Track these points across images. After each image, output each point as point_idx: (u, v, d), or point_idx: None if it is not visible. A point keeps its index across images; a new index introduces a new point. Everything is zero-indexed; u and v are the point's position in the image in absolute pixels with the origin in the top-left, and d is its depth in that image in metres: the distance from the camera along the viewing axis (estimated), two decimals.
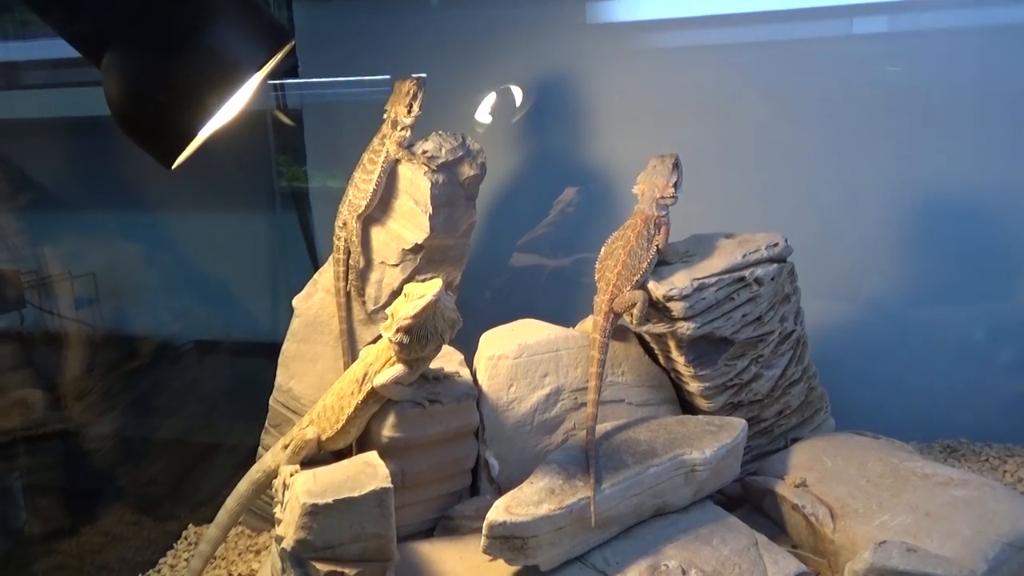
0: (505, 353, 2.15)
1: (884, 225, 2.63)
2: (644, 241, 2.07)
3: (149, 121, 1.48)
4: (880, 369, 2.65)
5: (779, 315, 2.18)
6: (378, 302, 2.32)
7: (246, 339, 2.93)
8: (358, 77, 2.89)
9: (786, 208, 2.63)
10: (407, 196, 2.30)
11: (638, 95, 2.74)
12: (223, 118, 1.64)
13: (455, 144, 2.31)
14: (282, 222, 3.06)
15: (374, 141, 2.32)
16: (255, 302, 3.02)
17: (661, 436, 2.02)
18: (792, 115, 2.64)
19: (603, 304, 2.04)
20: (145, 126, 1.49)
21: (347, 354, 2.29)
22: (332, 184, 2.97)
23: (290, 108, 2.99)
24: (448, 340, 1.90)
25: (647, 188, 2.12)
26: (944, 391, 2.65)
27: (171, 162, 1.54)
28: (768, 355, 2.18)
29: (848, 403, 2.40)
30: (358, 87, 2.91)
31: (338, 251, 2.29)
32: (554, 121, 2.83)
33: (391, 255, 2.32)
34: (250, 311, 3.01)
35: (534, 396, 2.15)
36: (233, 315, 2.96)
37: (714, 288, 2.06)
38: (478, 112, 2.84)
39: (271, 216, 3.08)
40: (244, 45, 1.49)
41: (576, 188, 2.85)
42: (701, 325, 2.05)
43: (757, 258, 2.11)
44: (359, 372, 1.96)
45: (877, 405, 2.49)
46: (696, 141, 2.67)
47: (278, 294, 3.01)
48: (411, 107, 2.28)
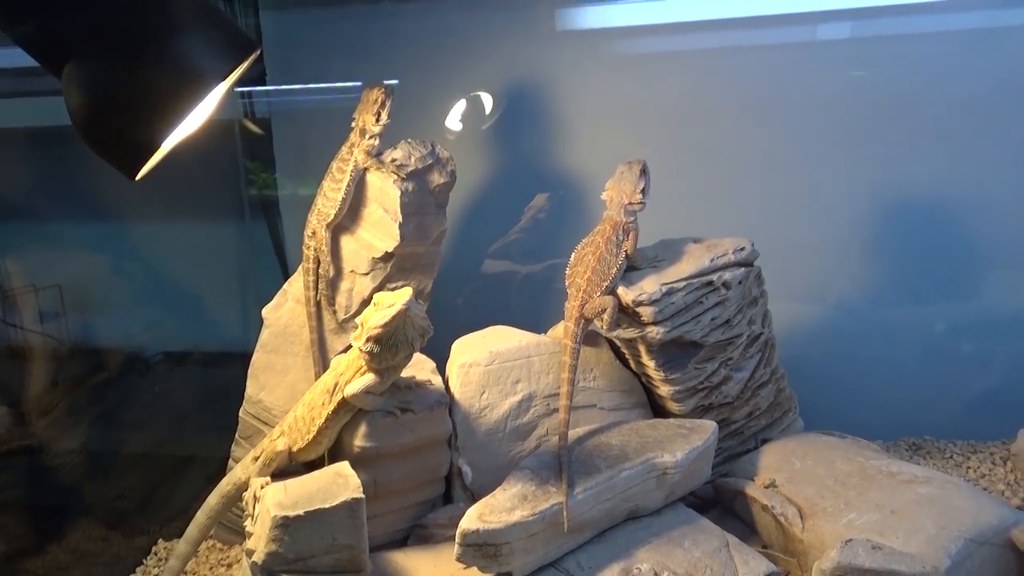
0: (477, 360, 2.16)
1: (850, 227, 2.68)
2: (613, 247, 2.09)
3: (112, 132, 1.46)
4: (847, 369, 2.69)
5: (747, 318, 2.21)
6: (348, 311, 2.32)
7: (215, 350, 2.91)
8: (327, 84, 2.89)
9: (753, 212, 2.67)
10: (376, 204, 2.30)
11: (608, 101, 2.76)
12: (188, 128, 1.63)
13: (424, 152, 2.32)
14: (251, 231, 3.04)
15: (342, 150, 2.32)
16: (224, 312, 2.99)
17: (633, 440, 2.04)
18: (759, 120, 2.68)
19: (574, 310, 2.05)
20: (108, 137, 1.47)
21: (318, 364, 2.28)
22: (301, 192, 2.97)
23: (259, 116, 2.98)
24: (419, 348, 1.90)
25: (615, 194, 2.14)
26: (910, 390, 2.70)
27: (135, 173, 1.53)
28: (737, 358, 2.21)
29: (816, 404, 2.43)
30: (327, 94, 2.90)
31: (307, 260, 2.29)
32: (524, 128, 2.85)
33: (361, 264, 2.32)
34: (219, 321, 2.99)
35: (506, 403, 2.15)
36: (202, 326, 2.94)
37: (683, 292, 2.08)
38: (448, 119, 2.84)
39: (240, 225, 3.07)
40: (209, 55, 1.48)
41: (547, 194, 2.87)
42: (670, 329, 2.07)
43: (725, 262, 2.14)
44: (330, 382, 1.95)
45: (844, 405, 2.52)
46: (665, 146, 2.71)
47: (247, 304, 2.99)
48: (379, 115, 2.28)
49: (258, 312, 2.39)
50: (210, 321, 2.97)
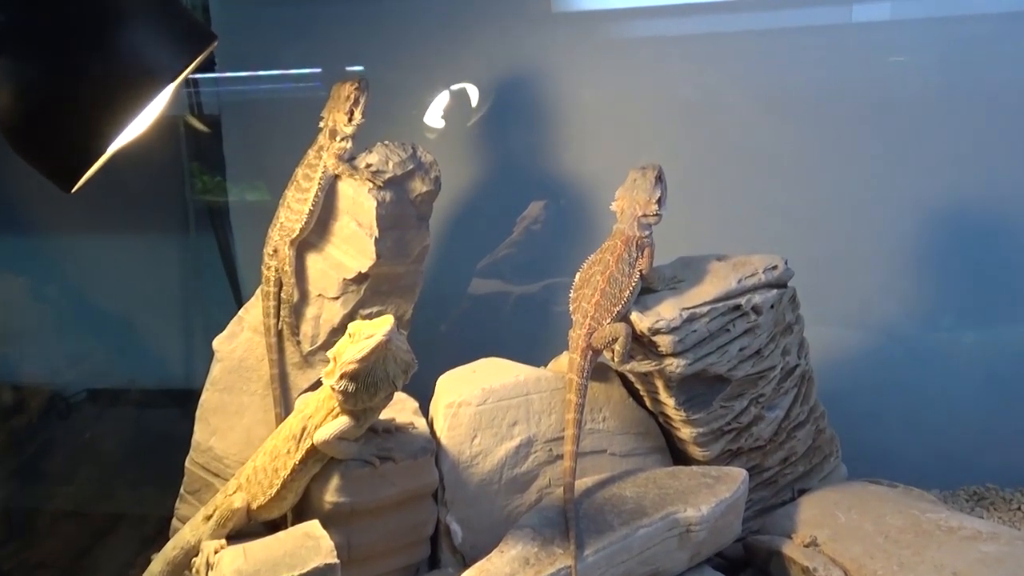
0: (467, 399, 2.17)
1: (897, 240, 2.71)
2: (625, 266, 2.11)
3: (48, 137, 1.47)
4: (897, 406, 2.72)
5: (780, 348, 2.23)
6: (315, 342, 2.31)
7: (156, 387, 2.90)
8: (285, 71, 2.91)
9: (785, 223, 2.70)
10: (349, 217, 2.31)
11: (614, 95, 2.78)
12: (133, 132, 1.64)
13: (404, 156, 2.33)
14: (198, 246, 3.05)
15: (309, 154, 2.33)
16: (167, 343, 2.99)
17: (650, 491, 2.05)
18: (790, 116, 2.70)
19: (580, 339, 2.06)
20: (43, 143, 1.48)
21: (280, 405, 2.28)
22: (256, 198, 2.99)
23: (206, 110, 2.99)
24: (401, 386, 1.91)
25: (627, 205, 2.16)
26: (969, 430, 2.72)
27: (72, 184, 1.54)
28: (769, 394, 2.23)
29: (861, 446, 2.45)
30: (285, 82, 2.92)
31: (267, 282, 2.29)
32: (517, 125, 2.87)
33: (330, 286, 2.32)
34: (161, 354, 2.99)
35: (502, 449, 2.17)
36: (140, 359, 2.94)
37: (706, 319, 2.10)
38: (428, 115, 2.85)
39: (184, 239, 3.07)
40: (161, 47, 1.50)
41: (543, 203, 2.89)
42: (692, 362, 2.09)
43: (754, 283, 2.16)
44: (296, 427, 1.96)
45: (894, 448, 2.55)
46: (682, 147, 2.75)
47: (194, 333, 2.99)
48: (352, 114, 2.29)
49: (207, 343, 2.38)
50: (149, 353, 2.96)
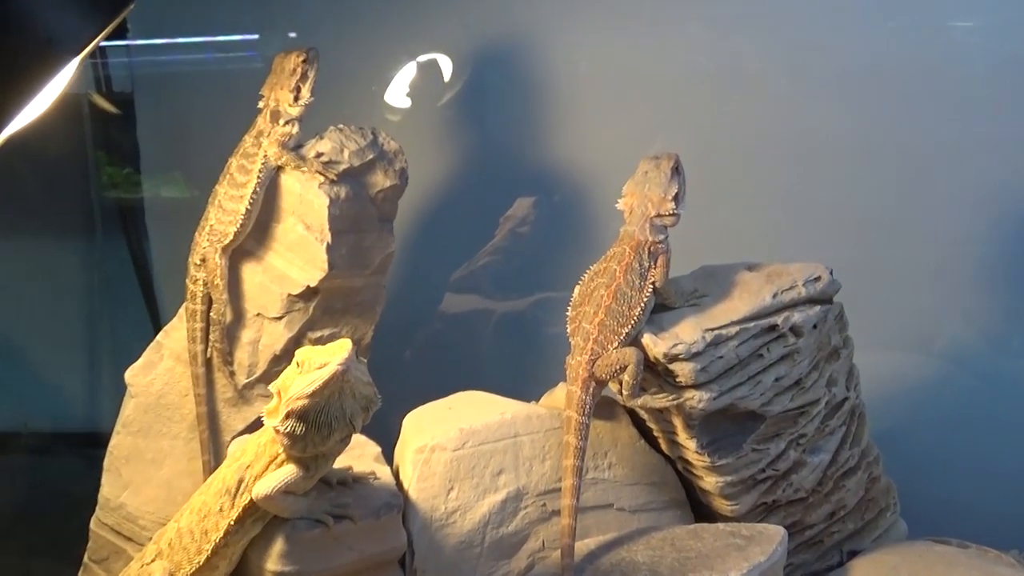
0: (441, 443, 2.16)
1: (965, 246, 2.72)
2: (635, 277, 2.10)
3: None
4: (966, 448, 2.73)
5: (826, 377, 2.23)
6: (253, 372, 2.32)
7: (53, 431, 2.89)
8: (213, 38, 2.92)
9: (830, 225, 2.71)
10: (295, 219, 2.30)
11: (619, 67, 2.78)
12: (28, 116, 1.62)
13: (363, 143, 2.32)
14: (105, 254, 3.04)
15: (246, 141, 2.32)
16: (67, 375, 2.98)
17: (667, 555, 2.04)
18: (834, 93, 2.71)
19: (580, 368, 2.06)
20: None
21: (209, 451, 2.27)
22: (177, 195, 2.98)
23: (115, 87, 2.99)
24: (361, 427, 1.89)
25: (637, 203, 2.16)
26: None
27: None
28: (812, 434, 2.23)
29: (924, 498, 2.45)
30: (213, 53, 2.93)
31: (194, 299, 2.29)
32: (500, 105, 2.88)
33: (272, 304, 2.32)
34: (59, 389, 2.98)
35: (484, 504, 2.15)
36: (33, 395, 2.92)
37: (735, 342, 2.10)
38: (391, 93, 2.85)
39: (88, 245, 3.07)
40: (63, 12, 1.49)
41: (533, 199, 2.89)
42: (718, 395, 2.09)
43: (793, 298, 2.16)
44: (230, 478, 1.93)
45: (964, 499, 2.57)
46: (702, 132, 2.74)
47: (101, 363, 2.98)
48: (299, 92, 2.29)
49: (118, 375, 2.37)
50: (45, 388, 2.95)
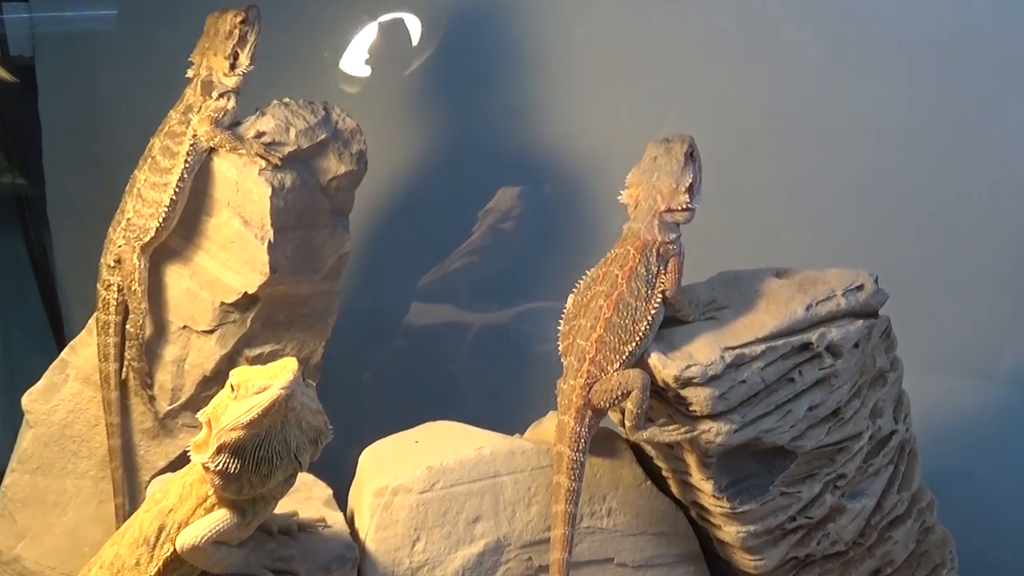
0: (405, 483, 2.15)
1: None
2: (641, 285, 2.10)
3: None
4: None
5: (869, 406, 2.23)
6: (178, 398, 2.32)
7: None
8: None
9: (872, 223, 2.72)
10: (230, 212, 2.30)
11: (620, 32, 2.80)
12: None
13: (313, 121, 2.33)
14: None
15: (172, 118, 2.32)
16: None
17: None
18: (878, 67, 2.73)
19: (575, 394, 2.05)
20: None
21: (123, 493, 2.27)
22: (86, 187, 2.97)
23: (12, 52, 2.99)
24: (307, 465, 1.89)
25: (644, 195, 2.15)
26: None
27: None
28: (853, 475, 2.22)
29: (986, 552, 2.47)
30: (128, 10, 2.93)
31: (106, 308, 2.29)
32: (478, 75, 2.88)
33: (201, 314, 2.32)
34: None
35: (458, 557, 2.15)
36: None
37: (760, 363, 2.09)
38: (347, 60, 2.87)
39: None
40: None
41: (518, 190, 2.90)
42: (740, 426, 2.08)
43: (830, 310, 2.16)
44: (149, 526, 1.92)
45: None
46: (718, 111, 2.75)
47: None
48: (236, 58, 2.30)
49: (13, 400, 2.38)
50: None
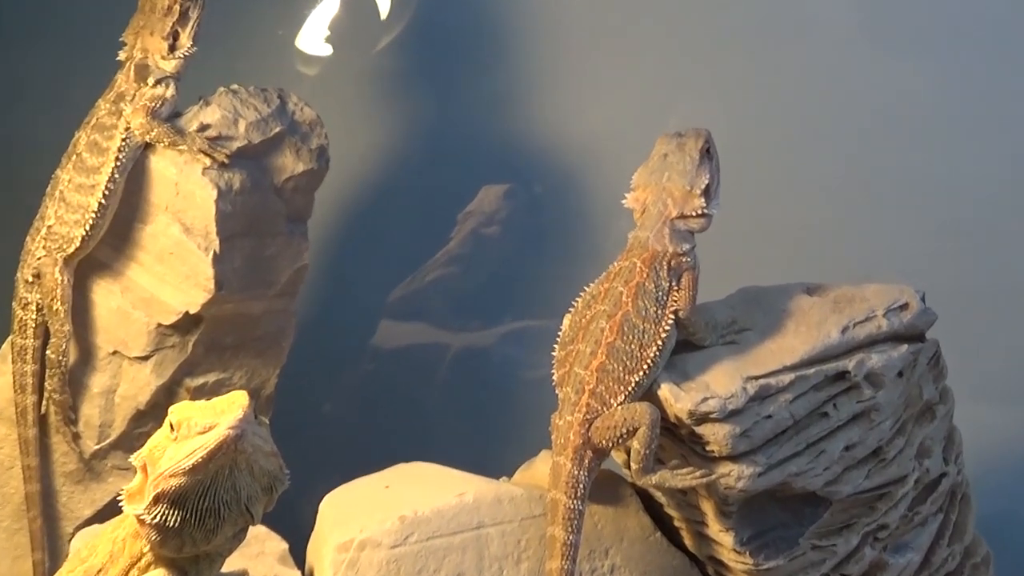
0: (373, 536, 2.14)
1: None
2: (650, 304, 2.10)
3: None
4: None
5: (915, 445, 2.23)
6: (107, 436, 2.32)
7: None
8: None
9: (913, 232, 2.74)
10: (169, 218, 2.30)
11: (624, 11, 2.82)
12: None
13: (266, 111, 2.35)
14: None
15: (100, 108, 2.33)
16: None
17: None
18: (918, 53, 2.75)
19: (572, 432, 2.04)
20: None
21: (42, 548, 2.26)
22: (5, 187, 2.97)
23: None
24: (260, 517, 1.86)
25: (653, 199, 2.15)
26: None
27: None
28: (897, 525, 2.22)
29: None
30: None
31: (23, 331, 2.30)
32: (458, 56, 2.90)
33: (134, 338, 2.32)
34: None
35: None
36: None
37: (789, 395, 2.09)
38: (304, 39, 2.90)
39: None
40: None
41: (503, 189, 2.93)
42: (766, 469, 2.08)
43: (870, 333, 2.16)
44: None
45: None
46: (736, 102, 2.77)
47: None
48: (175, 39, 2.30)
49: None
50: None
